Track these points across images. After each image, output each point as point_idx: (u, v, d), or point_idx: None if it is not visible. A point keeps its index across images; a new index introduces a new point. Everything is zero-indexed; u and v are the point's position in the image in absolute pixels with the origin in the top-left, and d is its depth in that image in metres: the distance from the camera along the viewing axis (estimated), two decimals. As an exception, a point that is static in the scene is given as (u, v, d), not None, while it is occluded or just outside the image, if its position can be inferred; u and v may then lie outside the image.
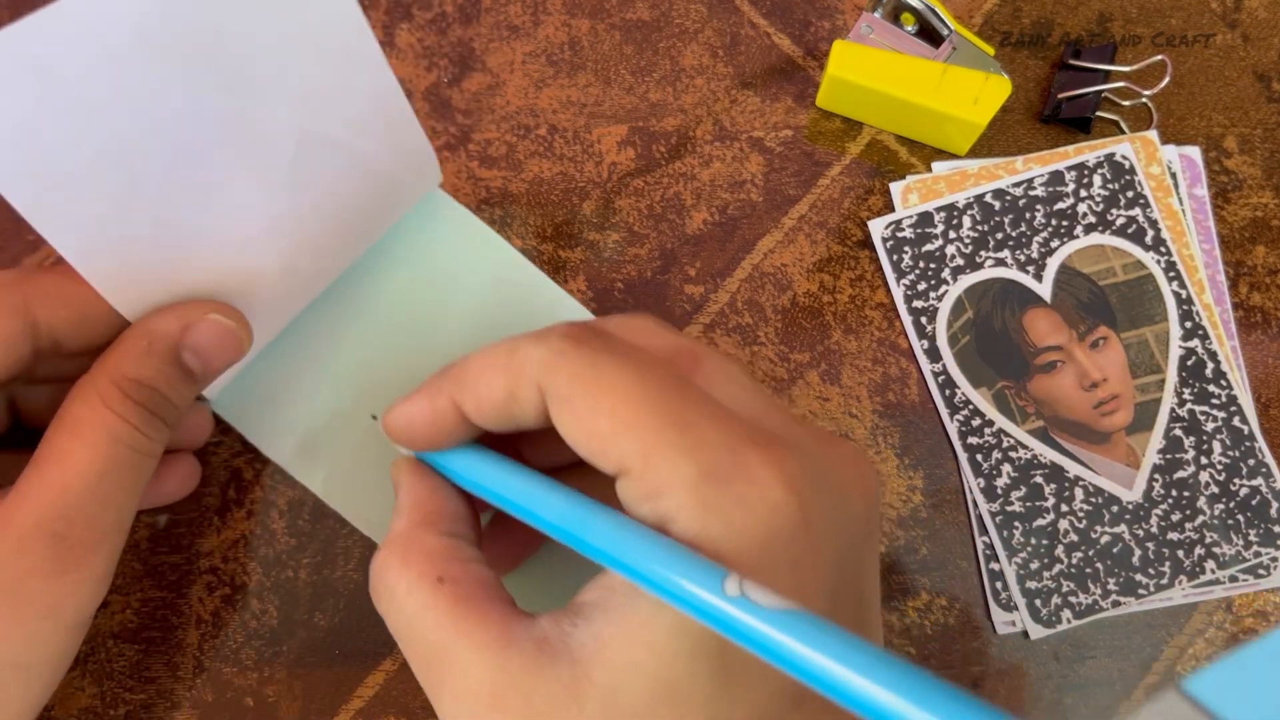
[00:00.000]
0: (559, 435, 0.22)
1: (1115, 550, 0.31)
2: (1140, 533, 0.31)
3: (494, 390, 0.22)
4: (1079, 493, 0.31)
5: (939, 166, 0.34)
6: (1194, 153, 0.34)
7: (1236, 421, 0.32)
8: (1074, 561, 0.30)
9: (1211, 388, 0.32)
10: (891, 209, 0.33)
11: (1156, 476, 0.31)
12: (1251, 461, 0.31)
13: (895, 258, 0.33)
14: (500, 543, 0.27)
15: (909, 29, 0.33)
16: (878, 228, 0.33)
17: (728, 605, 0.18)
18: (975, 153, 0.34)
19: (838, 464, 0.22)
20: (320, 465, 0.29)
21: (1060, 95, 0.34)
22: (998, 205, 0.33)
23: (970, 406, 0.32)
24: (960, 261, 0.33)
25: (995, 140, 0.34)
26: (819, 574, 0.20)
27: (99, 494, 0.23)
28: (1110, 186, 0.33)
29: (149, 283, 0.24)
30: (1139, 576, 0.30)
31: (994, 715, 0.15)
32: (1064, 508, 0.31)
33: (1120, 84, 0.34)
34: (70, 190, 0.21)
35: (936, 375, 0.32)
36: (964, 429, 0.31)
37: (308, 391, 0.29)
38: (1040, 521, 0.31)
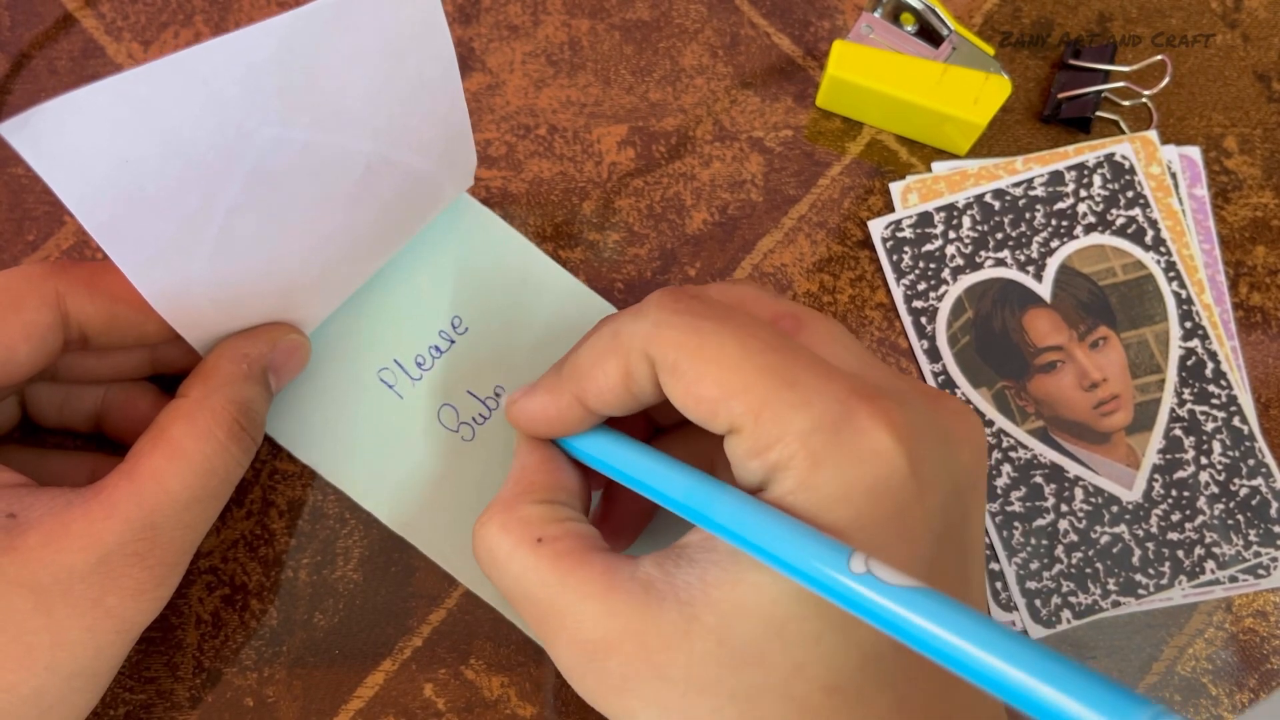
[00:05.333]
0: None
1: (1115, 550, 0.31)
2: (1140, 533, 0.31)
3: (610, 376, 0.22)
4: (1079, 493, 0.31)
5: (939, 166, 0.34)
6: (1194, 153, 0.34)
7: (1236, 421, 0.32)
8: (1074, 562, 0.30)
9: (1211, 388, 0.32)
10: (891, 209, 0.33)
11: (1156, 476, 0.31)
12: (1251, 461, 0.31)
13: (895, 258, 0.33)
14: (611, 522, 0.28)
15: (909, 29, 0.33)
16: (878, 228, 0.33)
17: (853, 583, 0.18)
18: (975, 153, 0.34)
19: (945, 415, 0.22)
20: (345, 462, 0.29)
21: (1060, 95, 0.34)
22: (997, 205, 0.33)
23: (970, 407, 0.32)
24: (960, 261, 0.33)
25: (995, 140, 0.34)
26: (925, 522, 0.20)
27: (185, 519, 0.23)
28: (1110, 186, 0.33)
29: (198, 293, 0.24)
30: (1139, 577, 0.30)
31: (1125, 692, 0.15)
32: (1064, 508, 0.31)
33: (1120, 84, 0.34)
34: (144, 214, 0.21)
35: (936, 375, 0.32)
36: (964, 429, 0.31)
37: (330, 389, 0.29)
38: (1040, 521, 0.31)
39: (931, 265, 0.33)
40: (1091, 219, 0.33)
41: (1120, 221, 0.33)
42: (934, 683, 0.21)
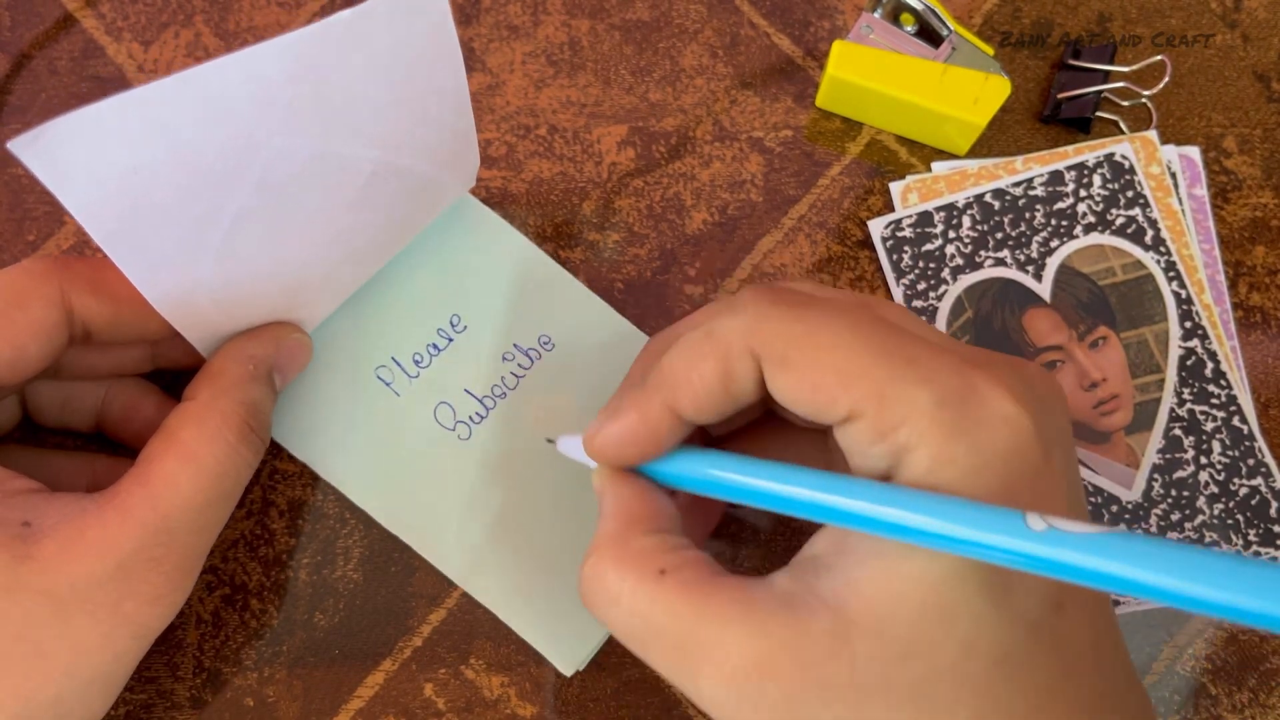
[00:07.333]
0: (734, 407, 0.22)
1: (1115, 550, 0.31)
2: (1140, 533, 0.31)
3: (707, 377, 0.21)
4: (1079, 493, 0.31)
5: (939, 166, 0.34)
6: (1193, 153, 0.34)
7: (1236, 421, 0.32)
8: (1074, 561, 0.30)
9: (1211, 387, 0.32)
10: (891, 209, 0.33)
11: (1156, 476, 0.31)
12: (1251, 461, 0.31)
13: (895, 258, 0.33)
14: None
15: (909, 29, 0.33)
16: (877, 228, 0.33)
17: (1038, 543, 0.17)
18: (975, 153, 0.34)
19: (1036, 379, 0.22)
20: (341, 460, 0.29)
21: (1060, 95, 0.34)
22: (997, 205, 0.33)
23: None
24: (960, 261, 0.33)
25: (995, 140, 0.34)
26: (1054, 481, 0.20)
27: (198, 523, 0.24)
28: (1110, 186, 0.33)
29: (201, 296, 0.24)
30: (1139, 576, 0.30)
31: None
32: (1064, 508, 0.31)
33: (1120, 84, 0.34)
34: (151, 220, 0.21)
35: (936, 375, 0.32)
36: (964, 429, 0.31)
37: (328, 387, 0.29)
38: (1040, 521, 0.31)
39: (931, 265, 0.33)
40: (1091, 219, 0.33)
41: (1120, 221, 0.33)
42: (1091, 649, 0.20)
